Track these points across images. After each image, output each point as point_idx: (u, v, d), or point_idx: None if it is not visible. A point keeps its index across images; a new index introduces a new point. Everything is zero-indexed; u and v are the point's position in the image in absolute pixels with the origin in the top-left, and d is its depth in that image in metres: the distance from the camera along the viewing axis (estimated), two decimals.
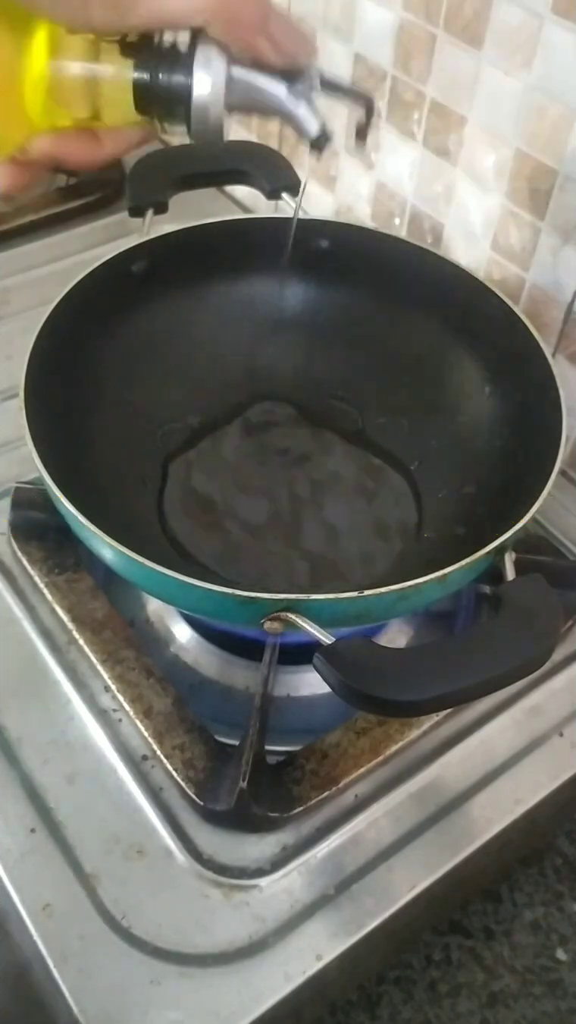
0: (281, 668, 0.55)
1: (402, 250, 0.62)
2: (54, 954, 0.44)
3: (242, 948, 0.45)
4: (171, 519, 0.57)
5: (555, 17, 0.55)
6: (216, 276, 0.64)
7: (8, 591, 0.57)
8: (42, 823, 0.48)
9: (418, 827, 0.49)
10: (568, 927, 0.54)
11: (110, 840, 0.48)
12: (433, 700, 0.40)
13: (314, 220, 0.64)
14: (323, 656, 0.40)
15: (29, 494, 0.58)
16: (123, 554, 0.44)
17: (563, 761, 0.52)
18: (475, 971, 0.53)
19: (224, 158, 0.67)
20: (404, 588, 0.44)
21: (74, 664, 0.54)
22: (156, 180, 0.63)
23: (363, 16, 0.67)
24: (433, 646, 0.44)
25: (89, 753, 0.51)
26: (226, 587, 0.43)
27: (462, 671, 0.40)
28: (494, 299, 0.58)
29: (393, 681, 0.39)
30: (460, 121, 0.64)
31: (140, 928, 0.45)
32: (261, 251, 0.63)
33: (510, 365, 0.58)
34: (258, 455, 0.62)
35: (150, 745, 0.50)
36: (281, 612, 0.43)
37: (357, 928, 0.46)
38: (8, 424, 0.63)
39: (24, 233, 0.81)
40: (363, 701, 0.39)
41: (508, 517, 0.47)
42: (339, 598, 0.43)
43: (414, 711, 0.43)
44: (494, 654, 0.41)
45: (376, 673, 0.39)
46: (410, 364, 0.63)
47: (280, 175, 0.65)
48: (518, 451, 0.55)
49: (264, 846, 0.48)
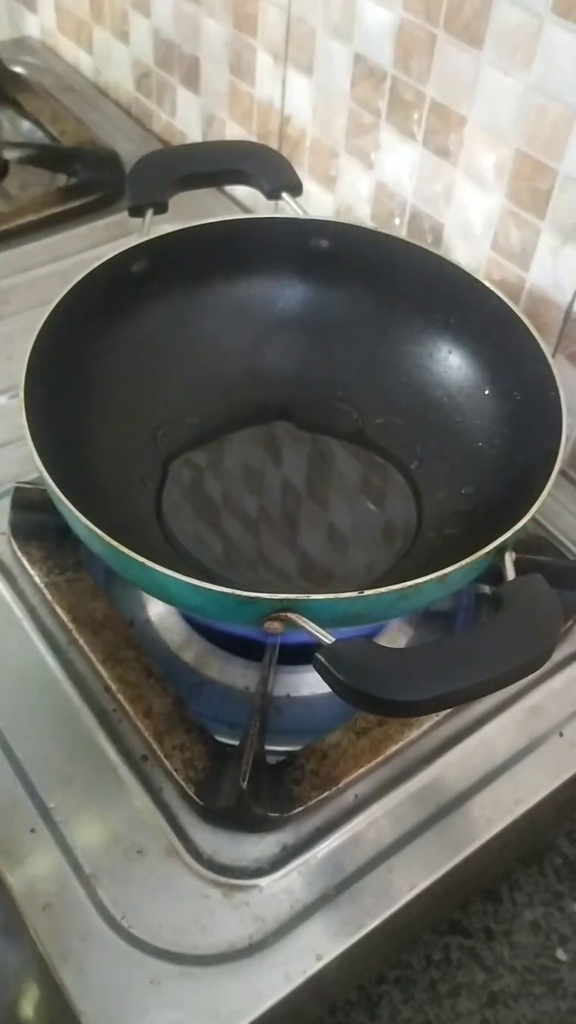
0: (281, 668, 0.55)
1: (402, 250, 0.62)
2: (54, 954, 0.44)
3: (242, 948, 0.45)
4: (171, 519, 0.57)
5: (555, 17, 0.55)
6: (216, 276, 0.64)
7: (8, 591, 0.57)
8: (42, 823, 0.48)
9: (418, 827, 0.49)
10: (568, 927, 0.54)
11: (110, 840, 0.48)
12: (433, 700, 0.40)
13: (314, 220, 0.64)
14: (323, 656, 0.40)
15: (29, 494, 0.58)
16: (123, 554, 0.44)
17: (563, 761, 0.52)
18: (475, 971, 0.53)
19: (224, 158, 0.67)
20: (404, 588, 0.44)
21: (74, 664, 0.54)
22: (156, 180, 0.63)
23: (363, 16, 0.67)
24: (433, 646, 0.44)
25: (88, 753, 0.51)
26: (226, 587, 0.43)
27: (462, 671, 0.40)
28: (494, 299, 0.58)
29: (393, 681, 0.39)
30: (460, 121, 0.64)
31: (140, 928, 0.45)
32: (261, 251, 0.63)
33: (510, 365, 0.58)
34: (257, 455, 0.62)
35: (150, 745, 0.50)
36: (281, 612, 0.43)
37: (357, 928, 0.46)
38: (8, 424, 0.63)
39: (24, 233, 0.81)
40: (363, 701, 0.39)
41: (508, 517, 0.47)
42: (339, 598, 0.43)
43: (414, 711, 0.43)
44: (494, 654, 0.41)
45: (376, 673, 0.39)
46: (410, 364, 0.63)
47: (280, 175, 0.65)
48: (518, 451, 0.55)
49: (264, 846, 0.48)
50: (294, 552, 0.57)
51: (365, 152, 0.72)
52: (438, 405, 0.61)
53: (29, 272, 0.78)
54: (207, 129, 0.89)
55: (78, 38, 1.02)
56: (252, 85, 0.80)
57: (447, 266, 0.60)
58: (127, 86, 0.98)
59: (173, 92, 0.91)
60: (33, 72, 1.02)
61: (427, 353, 0.62)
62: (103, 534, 0.45)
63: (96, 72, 1.02)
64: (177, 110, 0.92)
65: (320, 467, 0.62)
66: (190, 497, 0.59)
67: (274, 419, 0.64)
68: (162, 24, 0.88)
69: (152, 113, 0.96)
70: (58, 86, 1.00)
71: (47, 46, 1.08)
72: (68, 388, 0.55)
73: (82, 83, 1.02)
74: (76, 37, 1.02)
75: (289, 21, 0.73)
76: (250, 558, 0.57)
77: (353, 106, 0.71)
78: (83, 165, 0.88)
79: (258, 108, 0.81)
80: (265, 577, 0.56)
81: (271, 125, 0.80)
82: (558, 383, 0.53)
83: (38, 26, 1.08)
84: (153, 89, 0.94)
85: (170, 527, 0.57)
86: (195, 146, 0.80)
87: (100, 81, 1.02)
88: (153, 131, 0.96)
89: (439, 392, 0.62)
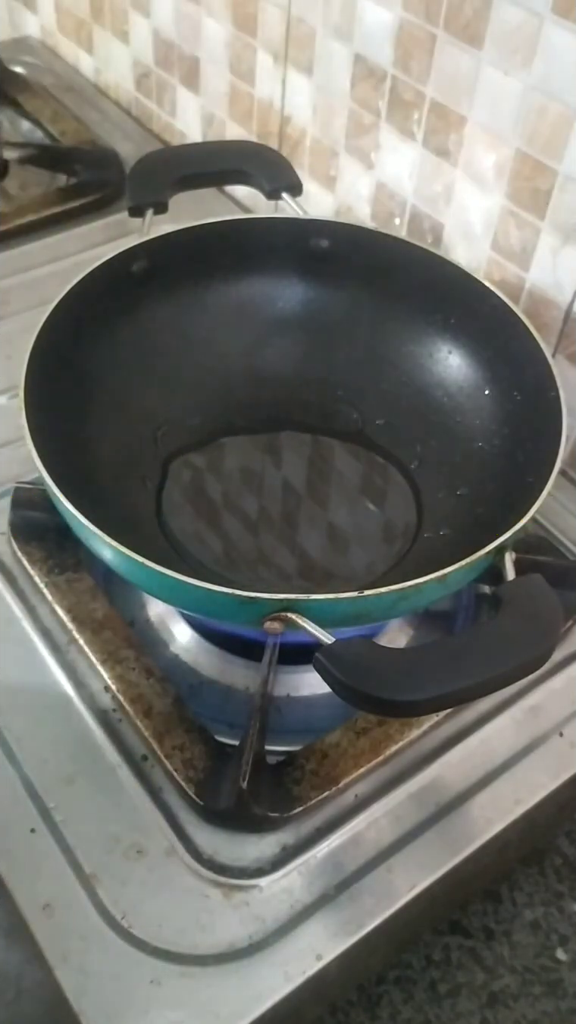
0: (281, 668, 0.55)
1: (402, 250, 0.62)
2: (54, 954, 0.44)
3: (242, 948, 0.45)
4: (171, 519, 0.57)
5: (555, 17, 0.55)
6: (216, 276, 0.64)
7: (8, 591, 0.57)
8: (42, 823, 0.48)
9: (418, 827, 0.49)
10: (568, 927, 0.54)
11: (110, 840, 0.48)
12: (433, 700, 0.40)
13: (314, 220, 0.64)
14: (323, 656, 0.40)
15: (29, 494, 0.58)
16: (123, 554, 0.44)
17: (563, 761, 0.52)
18: (475, 971, 0.53)
19: (224, 158, 0.67)
20: (404, 588, 0.44)
21: (74, 664, 0.54)
22: (156, 180, 0.63)
23: (363, 16, 0.67)
24: (433, 646, 0.44)
25: (89, 753, 0.51)
26: (226, 587, 0.43)
27: (462, 671, 0.40)
28: (494, 299, 0.58)
29: (393, 681, 0.39)
30: (460, 121, 0.64)
31: (140, 928, 0.45)
32: (261, 251, 0.63)
33: (510, 365, 0.58)
34: (257, 455, 0.62)
35: (150, 745, 0.50)
36: (281, 612, 0.43)
37: (357, 928, 0.46)
38: (8, 424, 0.63)
39: (24, 233, 0.81)
40: (363, 701, 0.39)
41: (508, 517, 0.47)
42: (339, 598, 0.43)
43: (414, 711, 0.43)
44: (494, 654, 0.41)
45: (376, 673, 0.39)
46: (410, 364, 0.63)
47: (280, 175, 0.65)
48: (518, 451, 0.55)
49: (264, 846, 0.48)
50: (294, 552, 0.57)
51: (365, 152, 0.72)
52: (438, 405, 0.61)
53: (29, 272, 0.78)
54: (207, 129, 0.89)
55: (78, 38, 1.02)
56: (252, 85, 0.80)
57: (447, 266, 0.60)
58: (127, 86, 0.98)
59: (173, 92, 0.91)
60: (33, 72, 1.02)
61: (427, 353, 0.62)
62: (104, 535, 0.45)
63: (96, 72, 1.02)
64: (177, 110, 0.92)
65: (320, 467, 0.62)
66: (190, 497, 0.59)
67: (274, 419, 0.64)
68: (162, 24, 0.88)
69: (152, 113, 0.96)
70: (58, 86, 1.00)
71: (47, 46, 1.08)
72: (68, 389, 0.55)
73: (82, 83, 1.02)
74: (76, 37, 1.02)
75: (289, 21, 0.73)
76: (250, 558, 0.57)
77: (353, 106, 0.71)
78: (83, 165, 0.88)
79: (258, 108, 0.81)
80: (265, 577, 0.56)
81: (271, 125, 0.80)
82: (558, 383, 0.53)
83: (38, 26, 1.08)
84: (153, 89, 0.94)
85: (170, 527, 0.57)
86: (195, 146, 0.80)
87: (100, 81, 1.02)
88: (153, 131, 0.96)
89: (439, 392, 0.62)
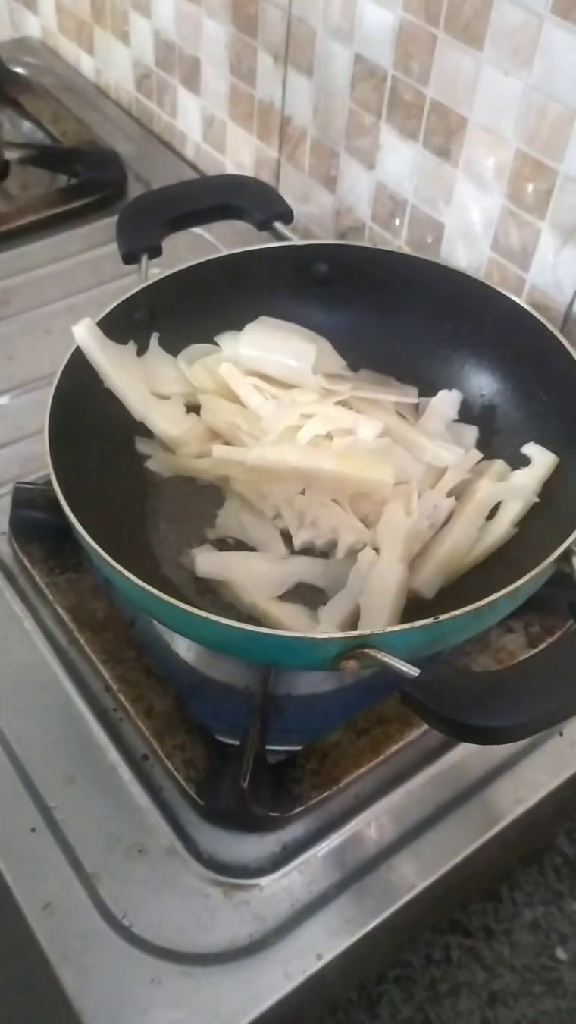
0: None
1: (402, 264, 0.62)
2: (54, 954, 0.44)
3: (242, 947, 0.45)
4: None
5: (555, 17, 0.55)
6: (217, 312, 0.63)
7: (9, 591, 0.57)
8: (42, 823, 0.48)
9: (418, 827, 0.49)
10: (568, 926, 0.54)
11: (110, 840, 0.48)
12: (522, 726, 0.40)
13: (311, 244, 0.64)
14: (412, 690, 0.39)
15: (29, 494, 0.58)
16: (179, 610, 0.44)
17: (563, 761, 0.52)
18: (475, 970, 0.53)
19: (211, 194, 0.66)
20: (479, 608, 0.43)
21: (75, 664, 0.54)
22: (146, 224, 0.62)
23: (363, 16, 0.67)
24: (520, 670, 0.43)
25: (89, 753, 0.51)
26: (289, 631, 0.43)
27: (551, 694, 0.40)
28: (505, 301, 0.58)
29: (483, 708, 0.39)
30: (460, 121, 0.64)
31: (141, 927, 0.45)
32: (260, 282, 0.62)
33: (533, 365, 0.58)
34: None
35: (150, 745, 0.50)
36: (357, 649, 0.42)
37: (357, 927, 0.46)
38: (8, 424, 0.63)
39: (24, 233, 0.81)
40: (453, 729, 0.39)
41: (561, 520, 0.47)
42: (414, 627, 0.43)
43: (506, 737, 0.42)
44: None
45: (466, 700, 0.39)
46: (423, 377, 0.63)
47: (270, 205, 0.64)
48: (563, 451, 0.55)
49: (264, 845, 0.48)
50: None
51: (365, 152, 0.72)
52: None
53: (30, 272, 0.78)
54: (207, 129, 0.89)
55: (79, 38, 1.02)
56: (252, 86, 0.80)
57: (454, 274, 0.60)
58: (128, 86, 0.98)
59: (174, 92, 0.91)
60: (34, 72, 1.02)
61: (440, 364, 0.62)
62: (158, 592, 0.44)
63: (97, 72, 1.02)
64: (177, 111, 0.92)
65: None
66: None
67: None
68: (163, 25, 0.88)
69: (153, 113, 0.96)
70: (59, 86, 1.00)
71: (48, 46, 1.08)
72: (88, 434, 0.55)
73: (83, 83, 1.03)
74: (77, 37, 1.02)
75: (289, 22, 0.73)
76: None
77: (353, 106, 0.71)
78: (84, 165, 0.88)
79: (258, 108, 0.81)
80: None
81: (271, 125, 0.80)
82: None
83: (39, 26, 1.09)
84: (154, 89, 0.94)
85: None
86: (181, 186, 0.77)
87: (101, 81, 1.02)
88: (153, 132, 0.96)
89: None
